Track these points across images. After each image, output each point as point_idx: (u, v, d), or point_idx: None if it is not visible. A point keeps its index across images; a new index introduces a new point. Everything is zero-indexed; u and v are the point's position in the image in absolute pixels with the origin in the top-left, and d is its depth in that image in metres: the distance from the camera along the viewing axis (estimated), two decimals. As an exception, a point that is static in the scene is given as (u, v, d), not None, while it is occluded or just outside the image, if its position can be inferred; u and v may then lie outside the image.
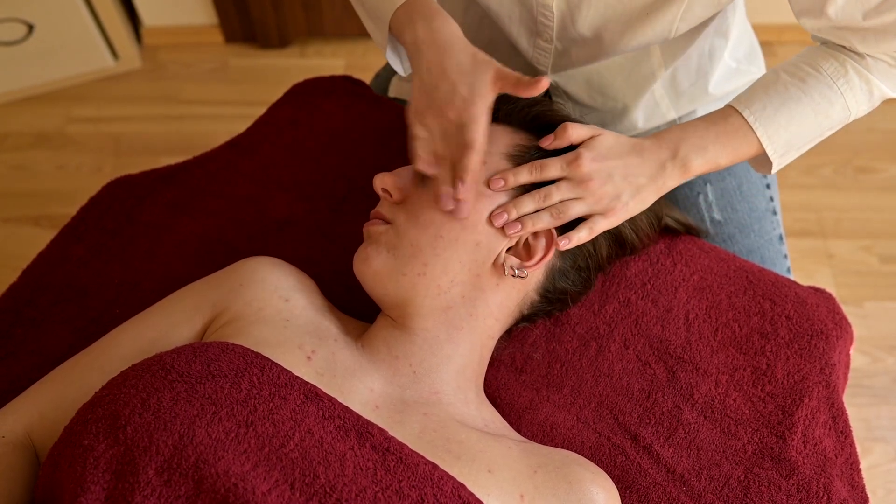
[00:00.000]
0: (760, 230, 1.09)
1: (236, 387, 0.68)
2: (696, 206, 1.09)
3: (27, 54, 1.97)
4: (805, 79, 0.85)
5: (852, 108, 0.86)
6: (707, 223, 1.08)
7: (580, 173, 0.79)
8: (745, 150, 0.85)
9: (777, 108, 0.83)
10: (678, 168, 0.83)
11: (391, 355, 0.80)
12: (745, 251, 1.07)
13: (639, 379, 0.89)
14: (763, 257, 1.08)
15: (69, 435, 0.67)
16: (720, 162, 0.84)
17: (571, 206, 0.79)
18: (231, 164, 1.08)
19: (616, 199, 0.80)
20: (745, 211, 1.09)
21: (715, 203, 1.09)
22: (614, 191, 0.80)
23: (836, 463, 0.84)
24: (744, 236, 1.08)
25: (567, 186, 0.79)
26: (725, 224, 1.08)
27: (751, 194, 1.10)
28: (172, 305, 0.84)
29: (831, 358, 0.90)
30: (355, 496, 0.64)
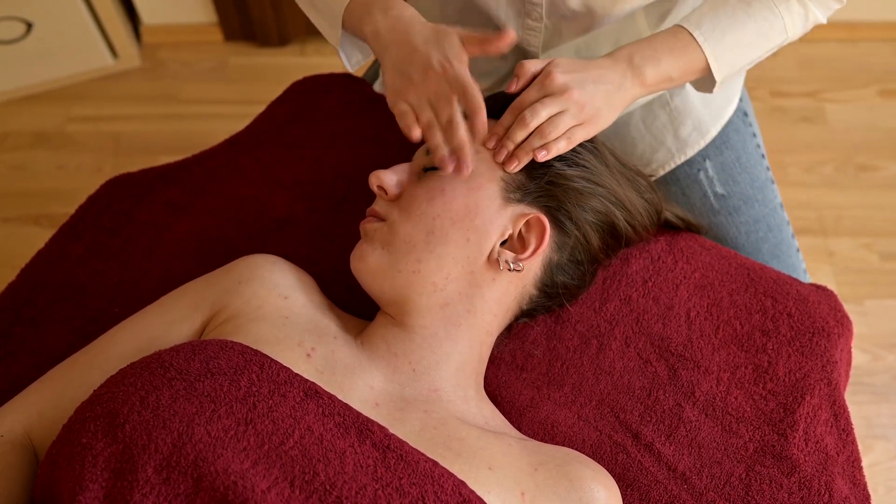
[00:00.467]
0: (764, 199, 1.11)
1: (235, 384, 0.68)
2: (697, 183, 1.10)
3: (26, 53, 1.97)
4: (751, 2, 0.88)
5: (789, 31, 0.90)
6: (711, 198, 1.10)
7: (557, 85, 0.80)
8: (694, 65, 0.87)
9: (724, 31, 0.87)
10: (636, 77, 0.84)
11: (390, 353, 0.80)
12: (751, 221, 1.09)
13: (640, 377, 0.89)
14: (769, 225, 1.10)
15: (68, 433, 0.67)
16: (672, 74, 0.86)
17: (559, 120, 0.80)
18: (230, 162, 1.07)
19: (592, 104, 0.81)
20: (746, 182, 1.11)
21: (716, 178, 1.11)
22: (591, 98, 0.81)
23: (838, 460, 0.84)
24: (748, 207, 1.09)
25: (549, 101, 0.80)
26: (729, 197, 1.10)
27: (750, 165, 1.12)
28: (171, 303, 0.84)
29: (833, 355, 0.90)
30: (355, 493, 0.64)
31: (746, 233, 1.09)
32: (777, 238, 1.10)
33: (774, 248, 1.09)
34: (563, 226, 0.83)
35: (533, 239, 0.81)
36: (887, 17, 2.13)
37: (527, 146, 0.80)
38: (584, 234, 0.85)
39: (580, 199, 0.83)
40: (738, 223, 1.09)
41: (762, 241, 1.09)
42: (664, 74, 0.86)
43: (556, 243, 0.84)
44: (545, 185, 0.82)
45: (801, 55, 2.14)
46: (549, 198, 0.82)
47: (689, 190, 1.11)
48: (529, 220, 0.81)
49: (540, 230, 0.81)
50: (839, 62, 2.13)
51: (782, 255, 1.10)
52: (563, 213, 0.83)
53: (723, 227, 1.09)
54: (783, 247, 1.10)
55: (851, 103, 2.05)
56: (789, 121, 2.02)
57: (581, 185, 0.83)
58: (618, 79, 0.83)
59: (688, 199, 1.11)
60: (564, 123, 0.80)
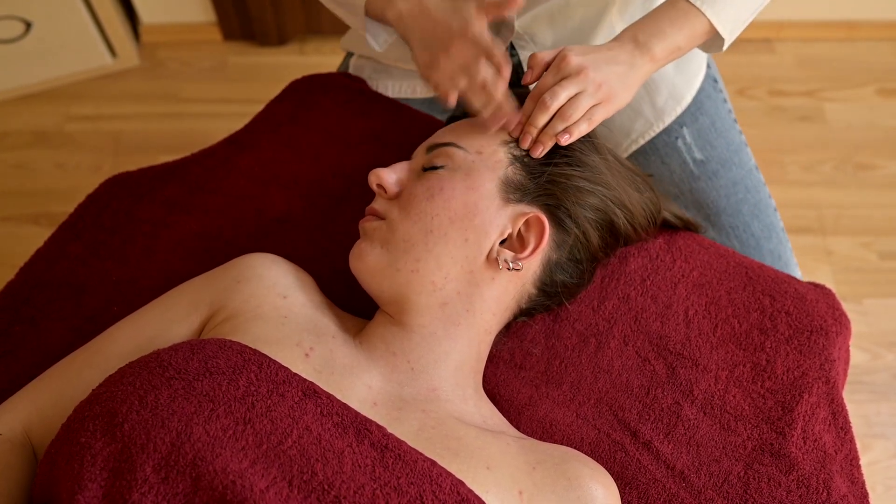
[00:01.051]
0: (740, 162, 1.14)
1: (234, 384, 0.68)
2: (676, 151, 1.13)
3: (25, 52, 1.97)
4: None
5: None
6: (690, 164, 1.12)
7: (573, 67, 0.81)
8: (699, 29, 0.88)
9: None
10: (645, 55, 0.86)
11: (389, 352, 0.80)
12: (730, 184, 1.12)
13: (638, 375, 0.89)
14: (747, 187, 1.13)
15: (66, 432, 0.67)
16: (679, 43, 0.87)
17: (578, 101, 0.81)
18: (229, 161, 1.07)
19: (609, 85, 0.82)
20: (722, 146, 1.14)
21: (694, 144, 1.13)
22: (606, 77, 0.82)
23: (836, 459, 0.84)
24: (726, 170, 1.13)
25: (567, 83, 0.81)
26: (708, 162, 1.13)
27: (724, 129, 1.15)
28: (170, 302, 0.84)
29: (831, 354, 0.90)
30: (353, 493, 0.64)
31: (727, 195, 1.12)
32: (755, 199, 1.13)
33: (753, 209, 1.12)
34: (562, 224, 0.83)
35: (532, 238, 0.81)
36: (886, 16, 2.13)
37: (550, 130, 0.82)
38: (584, 232, 0.85)
39: (580, 197, 0.83)
40: (718, 186, 1.12)
41: (742, 203, 1.12)
42: (672, 46, 0.87)
43: (555, 242, 0.84)
44: (545, 183, 0.82)
45: (800, 54, 2.14)
46: (549, 196, 0.82)
47: (668, 158, 1.14)
48: (529, 219, 0.81)
49: (539, 229, 0.81)
50: (838, 61, 2.13)
51: (761, 214, 1.12)
52: (563, 212, 0.83)
53: (703, 192, 1.12)
54: (762, 206, 1.13)
55: (850, 102, 2.05)
56: (788, 120, 2.02)
57: (581, 183, 0.83)
58: (628, 58, 0.85)
59: (668, 166, 1.14)
60: (584, 104, 0.81)
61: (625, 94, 0.85)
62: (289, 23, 2.12)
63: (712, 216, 1.12)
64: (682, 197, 1.13)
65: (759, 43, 2.16)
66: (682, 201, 1.13)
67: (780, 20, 2.14)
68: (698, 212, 1.12)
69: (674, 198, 1.13)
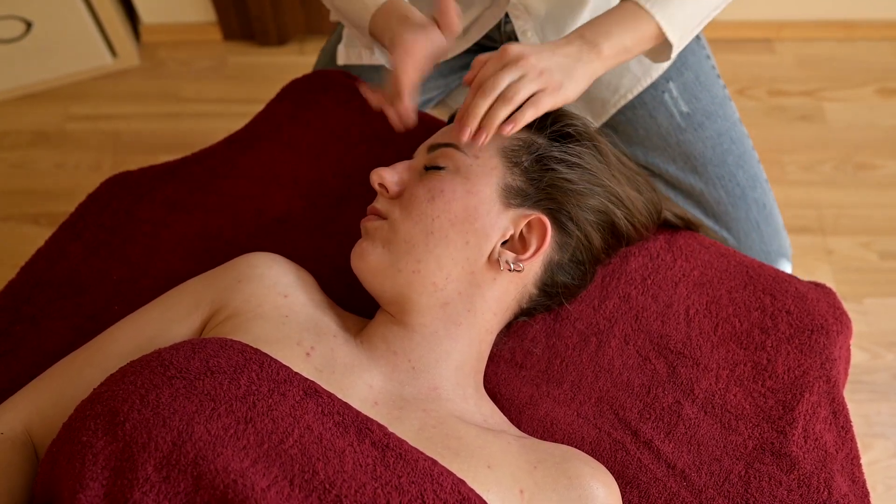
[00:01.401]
0: (724, 114, 1.17)
1: (235, 383, 0.68)
2: (663, 105, 1.16)
3: (25, 52, 1.97)
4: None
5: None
6: (677, 117, 1.15)
7: (512, 55, 0.82)
8: (648, 32, 0.89)
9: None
10: (592, 51, 0.86)
11: (390, 351, 0.80)
12: (715, 135, 1.15)
13: (639, 374, 0.89)
14: (732, 138, 1.16)
15: (68, 431, 0.67)
16: (626, 44, 0.88)
17: (520, 86, 0.81)
18: (229, 160, 1.07)
19: (551, 73, 0.82)
20: (707, 99, 1.16)
21: (680, 97, 1.16)
22: (548, 64, 0.82)
23: (837, 458, 0.84)
24: (712, 122, 1.15)
25: (507, 69, 0.81)
26: (694, 114, 1.15)
27: (709, 83, 1.18)
28: (171, 302, 0.84)
29: (832, 353, 0.90)
30: (355, 492, 0.64)
31: (713, 146, 1.14)
32: (740, 149, 1.16)
33: (738, 159, 1.15)
34: (564, 227, 0.83)
35: (534, 240, 0.81)
36: (886, 15, 2.13)
37: (493, 114, 0.81)
38: (586, 234, 0.85)
39: (580, 199, 0.83)
40: (704, 138, 1.14)
41: (727, 153, 1.14)
42: (619, 46, 0.88)
43: (557, 244, 0.84)
44: (545, 188, 0.82)
45: (800, 54, 2.14)
46: (550, 200, 0.82)
47: (655, 112, 1.16)
48: (531, 220, 0.81)
49: (541, 231, 0.81)
50: (838, 61, 2.13)
51: (745, 164, 1.15)
52: (564, 215, 0.83)
53: (690, 144, 1.15)
54: (746, 157, 1.16)
55: (850, 102, 2.05)
56: (788, 120, 2.02)
57: (581, 186, 0.83)
58: (574, 52, 0.86)
59: (655, 120, 1.16)
60: (526, 88, 0.81)
61: (571, 84, 0.85)
62: (289, 23, 2.12)
63: (699, 167, 1.14)
64: (670, 149, 1.15)
65: (759, 43, 2.17)
66: (669, 153, 1.16)
67: (779, 20, 2.14)
68: (685, 163, 1.15)
69: (662, 150, 1.16)
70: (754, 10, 2.12)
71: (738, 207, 1.13)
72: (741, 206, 1.13)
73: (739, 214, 1.13)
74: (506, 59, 0.82)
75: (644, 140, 1.17)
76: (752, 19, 2.15)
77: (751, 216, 1.14)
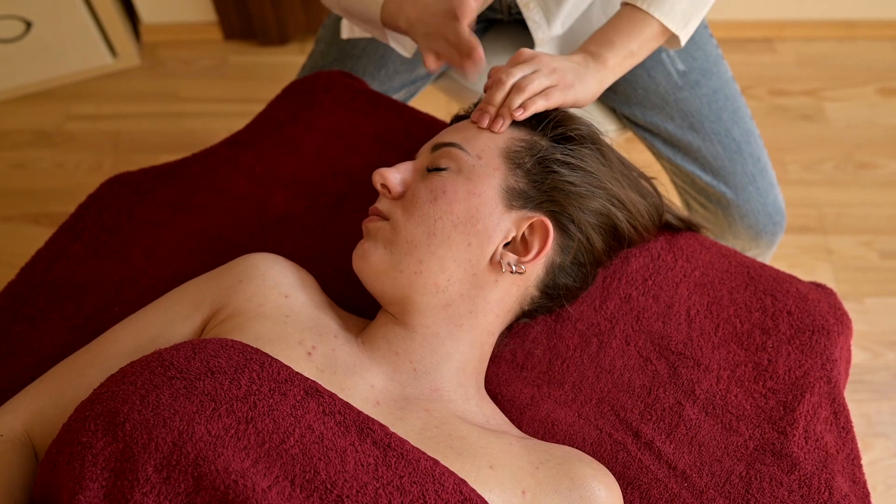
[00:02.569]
0: (718, 72, 1.22)
1: (236, 383, 0.68)
2: (661, 63, 1.20)
3: (26, 52, 1.97)
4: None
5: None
6: (674, 75, 1.20)
7: (526, 56, 0.87)
8: (650, 32, 0.92)
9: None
10: (597, 61, 0.91)
11: (391, 351, 0.80)
12: (710, 92, 1.20)
13: (640, 375, 0.89)
14: (727, 95, 1.21)
15: (68, 432, 0.66)
16: (632, 49, 0.92)
17: (534, 77, 0.85)
18: (230, 160, 1.07)
19: (563, 72, 0.87)
20: (702, 58, 1.21)
21: (676, 56, 1.20)
22: (560, 65, 0.87)
23: (838, 458, 0.84)
24: (707, 79, 1.20)
25: (522, 66, 0.86)
26: (690, 72, 1.20)
27: (702, 42, 1.22)
28: (171, 302, 0.84)
29: (832, 353, 0.90)
30: (356, 492, 0.64)
31: (708, 103, 1.19)
32: (734, 106, 1.21)
33: (733, 115, 1.20)
34: (566, 229, 0.83)
35: (536, 242, 0.81)
36: (886, 15, 2.13)
37: (509, 103, 0.85)
38: (588, 236, 0.85)
39: (582, 202, 0.83)
40: (700, 95, 1.19)
41: (722, 110, 1.19)
42: (624, 52, 0.91)
43: (559, 246, 0.84)
44: (547, 190, 0.82)
45: (801, 53, 2.14)
46: (552, 203, 0.82)
47: (653, 71, 1.20)
48: (533, 222, 0.81)
49: (543, 233, 0.81)
50: (838, 60, 2.13)
51: (740, 120, 1.20)
52: (566, 217, 0.83)
53: (687, 101, 1.19)
54: (740, 113, 1.21)
55: (851, 101, 2.05)
56: (789, 119, 2.02)
57: (583, 189, 0.83)
58: (581, 60, 0.90)
59: (653, 79, 1.20)
60: (539, 81, 0.85)
61: (581, 87, 0.89)
62: (289, 22, 2.12)
63: (696, 123, 1.19)
64: (668, 107, 1.20)
65: (760, 42, 2.16)
66: (668, 111, 1.20)
67: (780, 19, 2.14)
68: (683, 120, 1.19)
69: (660, 109, 1.20)
70: (755, 9, 2.12)
71: (734, 161, 1.17)
72: (737, 161, 1.17)
73: (736, 168, 1.18)
74: (519, 59, 0.87)
75: (643, 99, 1.20)
76: (753, 19, 2.15)
77: (747, 170, 1.18)
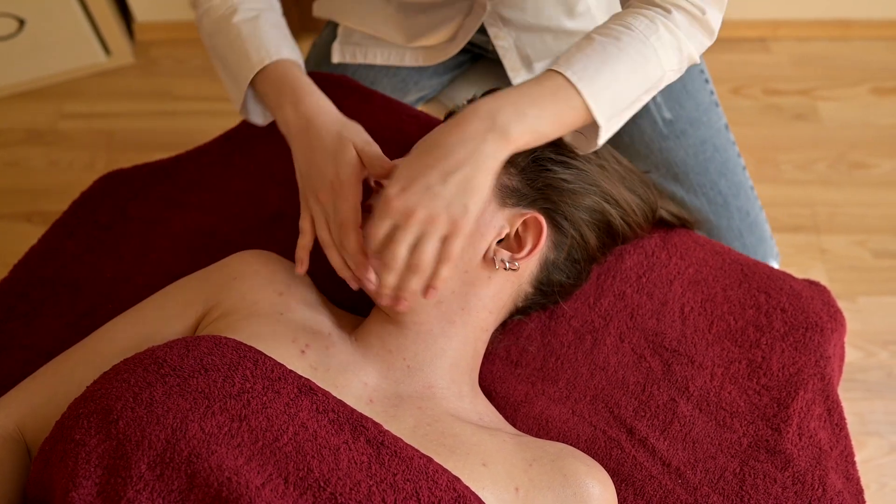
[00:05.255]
0: (709, 121, 1.15)
1: (229, 381, 0.68)
2: (647, 111, 1.14)
3: (18, 49, 1.96)
4: (619, 37, 0.79)
5: (665, 64, 0.81)
6: (660, 124, 1.13)
7: (399, 213, 0.71)
8: (567, 113, 0.76)
9: (598, 68, 0.77)
10: (500, 140, 0.73)
11: (385, 349, 0.80)
12: (697, 142, 1.13)
13: (634, 372, 0.89)
14: (716, 146, 1.14)
15: (61, 430, 0.66)
16: (542, 129, 0.75)
17: (422, 249, 0.71)
18: (224, 158, 1.07)
19: (451, 208, 0.71)
20: (692, 106, 1.15)
21: (664, 103, 1.14)
22: (444, 203, 0.70)
23: (832, 455, 0.84)
24: (695, 129, 1.14)
25: (401, 235, 0.71)
26: (677, 121, 1.14)
27: (694, 90, 1.16)
28: (165, 300, 0.84)
29: (826, 350, 0.90)
30: (349, 490, 0.64)
31: (694, 154, 1.12)
32: (723, 157, 1.14)
33: (721, 167, 1.13)
34: (559, 226, 0.83)
35: (530, 239, 0.81)
36: (880, 15, 2.13)
37: (408, 287, 0.73)
38: (581, 233, 0.85)
39: (575, 199, 0.83)
40: (686, 146, 1.13)
41: (709, 161, 1.12)
42: (534, 130, 0.74)
43: (553, 242, 0.84)
44: (541, 188, 0.82)
45: (795, 53, 2.14)
46: (545, 200, 0.82)
47: (639, 118, 1.14)
48: (527, 219, 0.81)
49: (537, 230, 0.81)
50: (832, 60, 2.13)
51: (729, 172, 1.13)
52: (560, 214, 0.83)
53: (672, 151, 1.13)
54: (730, 165, 1.14)
55: (845, 101, 2.06)
56: (783, 118, 2.02)
57: (576, 185, 0.83)
58: (473, 149, 0.72)
59: (638, 126, 1.14)
60: (430, 249, 0.71)
61: (475, 198, 0.72)
62: (283, 21, 2.11)
63: (680, 175, 1.12)
64: (652, 156, 1.13)
65: (754, 42, 2.17)
66: (652, 160, 1.13)
67: (774, 19, 2.15)
68: (667, 171, 1.13)
69: (644, 157, 1.14)
70: (749, 9, 2.12)
71: (720, 216, 1.11)
72: (723, 215, 1.11)
73: (721, 223, 1.11)
74: (392, 216, 0.71)
75: (628, 147, 1.15)
76: (748, 18, 2.15)
77: (733, 224, 1.11)
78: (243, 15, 0.92)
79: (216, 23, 0.94)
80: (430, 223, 0.70)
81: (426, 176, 0.71)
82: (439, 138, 0.73)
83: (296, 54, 0.91)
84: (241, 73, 0.90)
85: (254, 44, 0.89)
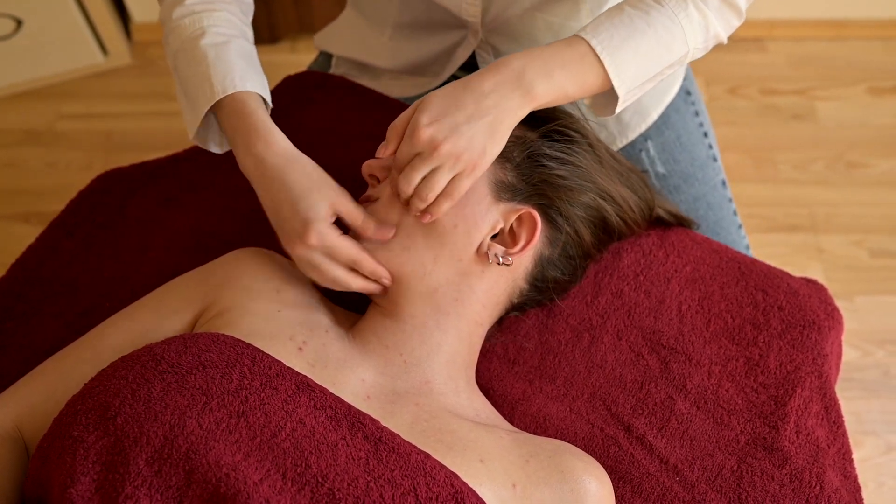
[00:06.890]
0: (704, 178, 1.12)
1: (227, 377, 0.68)
2: (639, 163, 1.11)
3: (16, 50, 1.96)
4: (649, 11, 0.81)
5: (690, 42, 0.83)
6: (652, 178, 1.11)
7: (423, 143, 0.74)
8: (592, 80, 0.79)
9: (624, 39, 0.79)
10: (525, 95, 0.76)
11: (382, 345, 0.80)
12: (690, 199, 1.11)
13: (632, 370, 0.89)
14: (709, 203, 1.11)
15: (59, 426, 0.66)
16: (567, 90, 0.78)
17: (434, 179, 0.75)
18: (222, 157, 1.07)
19: (471, 149, 0.74)
20: (686, 161, 1.12)
21: (657, 157, 1.12)
22: (467, 143, 0.74)
23: (829, 453, 0.84)
24: (688, 185, 1.11)
25: (419, 161, 0.75)
26: (670, 176, 1.11)
27: (690, 144, 1.13)
28: (163, 297, 0.84)
29: (823, 348, 0.90)
30: (347, 485, 0.64)
31: (686, 212, 1.08)
32: (717, 216, 1.12)
33: (714, 226, 1.11)
34: (554, 222, 0.83)
35: (524, 234, 0.81)
36: (877, 14, 2.14)
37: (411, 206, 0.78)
38: (576, 229, 0.85)
39: (571, 196, 0.83)
40: (679, 202, 1.10)
41: (701, 220, 1.10)
42: (558, 90, 0.78)
43: (547, 239, 0.84)
44: (536, 184, 0.82)
45: (792, 53, 2.15)
46: (540, 196, 0.82)
47: None
48: (521, 214, 0.81)
49: (531, 226, 0.81)
50: (829, 60, 2.14)
51: (722, 231, 1.11)
52: (555, 210, 0.83)
53: None
54: (724, 223, 1.12)
55: (842, 101, 2.06)
56: (780, 118, 2.03)
57: (572, 182, 0.83)
58: (501, 101, 0.76)
59: None
60: (440, 181, 0.75)
61: (493, 147, 0.76)
62: (280, 21, 2.12)
63: None
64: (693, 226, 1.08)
65: (751, 42, 2.17)
66: None
67: (771, 19, 2.15)
68: None
69: None
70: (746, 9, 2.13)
71: None
72: None
73: None
74: (417, 147, 0.74)
75: None
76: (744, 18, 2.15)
77: None
78: (211, 39, 0.86)
79: (182, 42, 0.87)
80: (451, 158, 0.74)
81: (454, 115, 0.74)
82: (472, 82, 0.76)
83: (262, 87, 0.86)
84: (200, 99, 0.84)
85: (218, 70, 0.83)
